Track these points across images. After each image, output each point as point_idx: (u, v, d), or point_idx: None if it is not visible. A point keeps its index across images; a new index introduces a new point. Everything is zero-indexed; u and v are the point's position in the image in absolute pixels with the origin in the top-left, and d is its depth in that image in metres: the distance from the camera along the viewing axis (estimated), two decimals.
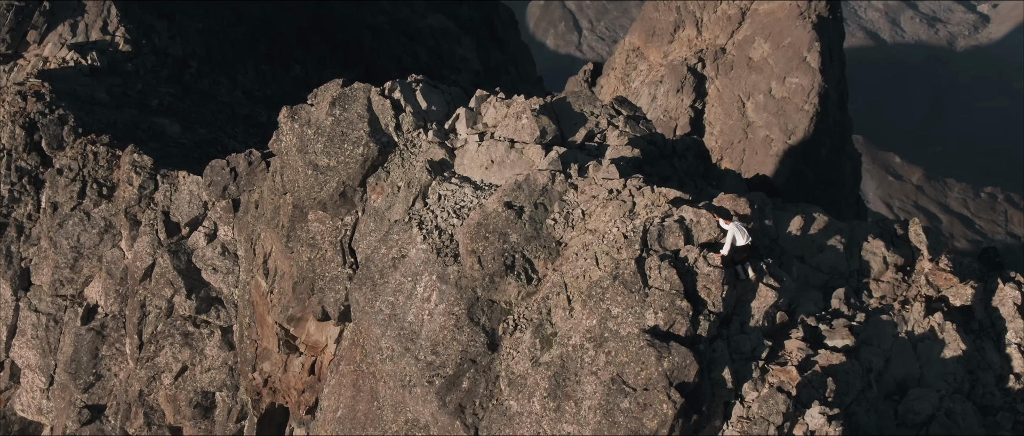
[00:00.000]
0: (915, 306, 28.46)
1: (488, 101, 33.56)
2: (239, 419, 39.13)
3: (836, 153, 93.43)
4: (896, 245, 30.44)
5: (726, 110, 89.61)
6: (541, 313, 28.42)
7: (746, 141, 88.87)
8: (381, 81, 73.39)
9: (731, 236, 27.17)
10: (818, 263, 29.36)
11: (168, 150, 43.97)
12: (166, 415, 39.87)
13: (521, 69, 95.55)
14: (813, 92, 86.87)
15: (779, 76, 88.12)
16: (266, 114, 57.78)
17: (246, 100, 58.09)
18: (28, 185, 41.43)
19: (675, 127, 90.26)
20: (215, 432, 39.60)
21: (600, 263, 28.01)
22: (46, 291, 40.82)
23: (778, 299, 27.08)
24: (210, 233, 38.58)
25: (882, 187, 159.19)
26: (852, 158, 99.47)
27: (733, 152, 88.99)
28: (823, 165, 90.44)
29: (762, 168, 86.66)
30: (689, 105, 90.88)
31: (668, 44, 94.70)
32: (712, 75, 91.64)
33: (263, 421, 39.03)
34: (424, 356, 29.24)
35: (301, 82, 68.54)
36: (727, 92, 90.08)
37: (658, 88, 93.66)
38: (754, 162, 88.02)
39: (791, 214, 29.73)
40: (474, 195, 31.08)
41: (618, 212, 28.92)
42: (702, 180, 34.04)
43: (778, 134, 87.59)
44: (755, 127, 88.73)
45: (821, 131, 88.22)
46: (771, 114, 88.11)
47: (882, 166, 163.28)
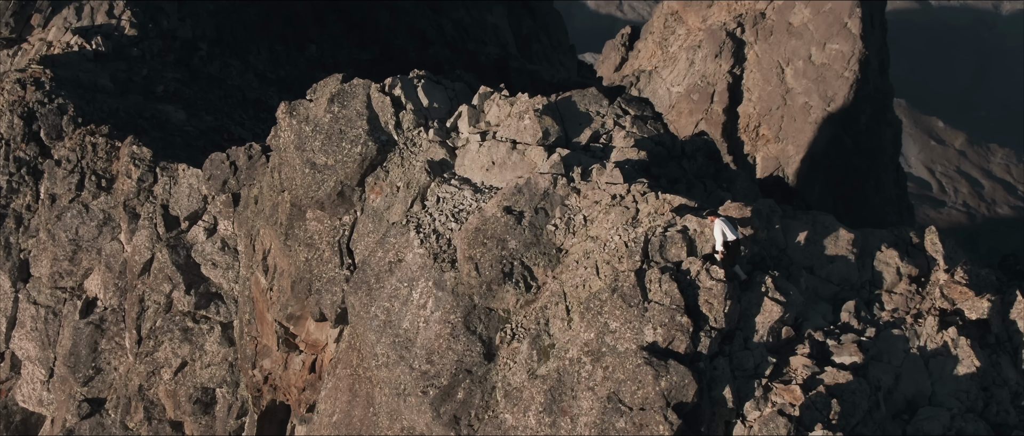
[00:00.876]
0: (928, 320, 27.64)
1: (491, 99, 32.85)
2: (239, 416, 38.82)
3: (876, 120, 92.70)
4: (911, 255, 29.58)
5: (765, 76, 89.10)
6: (539, 323, 27.81)
7: (784, 108, 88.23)
8: (399, 60, 73.12)
9: (719, 233, 26.44)
10: (828, 274, 28.56)
11: (171, 139, 43.49)
12: (167, 410, 39.61)
13: (553, 37, 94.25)
14: (853, 59, 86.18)
15: (819, 42, 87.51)
16: (277, 97, 57.08)
17: (257, 83, 57.51)
18: (27, 176, 41.10)
19: (713, 93, 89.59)
20: (216, 428, 39.31)
21: (601, 272, 27.35)
22: (45, 283, 40.56)
23: (784, 314, 26.34)
24: (210, 227, 38.14)
25: (924, 152, 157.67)
26: (892, 125, 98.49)
27: (771, 119, 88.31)
28: (862, 133, 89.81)
29: (800, 136, 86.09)
30: (727, 71, 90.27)
31: (707, 8, 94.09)
32: (751, 40, 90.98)
33: (264, 418, 38.70)
34: (419, 365, 28.72)
35: (316, 62, 67.89)
36: (766, 58, 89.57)
37: (696, 53, 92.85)
38: (792, 129, 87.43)
39: (801, 223, 28.90)
40: (473, 198, 30.43)
41: (620, 219, 28.21)
42: (713, 182, 33.22)
43: (817, 101, 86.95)
44: (794, 94, 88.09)
45: (861, 98, 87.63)
46: (810, 80, 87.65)
47: (924, 130, 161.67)
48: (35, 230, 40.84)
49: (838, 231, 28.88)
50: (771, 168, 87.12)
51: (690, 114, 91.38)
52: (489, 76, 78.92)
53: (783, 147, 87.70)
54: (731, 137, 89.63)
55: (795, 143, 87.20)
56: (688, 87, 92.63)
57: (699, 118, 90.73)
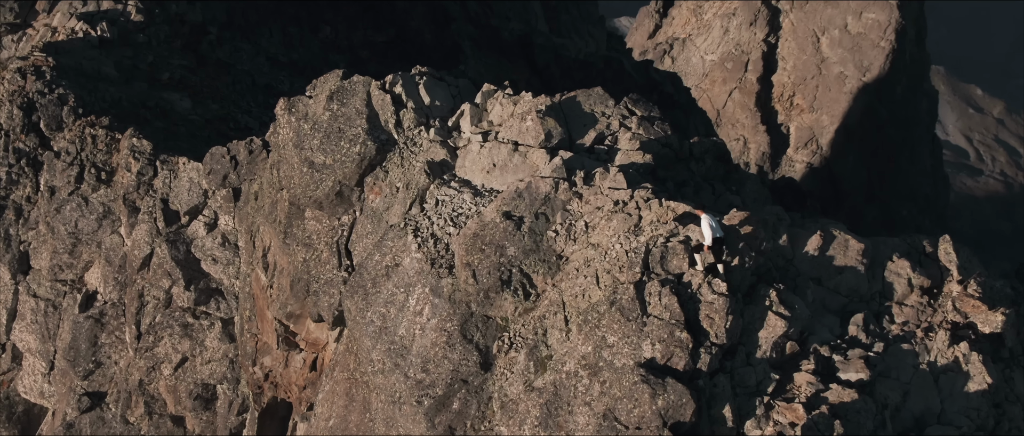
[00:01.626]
0: (939, 334, 26.95)
1: (495, 97, 32.22)
2: (240, 412, 38.57)
3: (912, 91, 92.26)
4: (924, 265, 28.86)
5: (800, 45, 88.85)
6: (537, 333, 27.31)
7: (819, 77, 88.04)
8: (416, 42, 72.38)
9: (710, 234, 25.93)
10: (836, 285, 27.88)
11: (174, 129, 43.09)
12: (168, 405, 39.40)
13: (582, 8, 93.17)
14: (890, 28, 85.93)
15: (855, 11, 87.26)
16: (289, 82, 56.63)
17: (268, 67, 56.98)
18: (26, 167, 40.80)
19: (747, 61, 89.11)
20: (217, 424, 39.07)
21: (601, 282, 26.79)
22: (45, 275, 40.32)
23: (788, 329, 25.74)
24: (210, 222, 37.76)
25: (962, 120, 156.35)
26: (929, 95, 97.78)
27: (805, 88, 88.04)
28: (898, 103, 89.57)
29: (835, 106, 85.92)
30: (762, 39, 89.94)
31: None
32: (787, 8, 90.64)
33: (264, 415, 38.41)
34: (414, 373, 28.28)
35: (330, 44, 67.23)
36: (802, 26, 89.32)
37: (731, 21, 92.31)
38: (827, 99, 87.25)
39: (809, 231, 28.20)
40: (473, 202, 29.88)
41: (622, 226, 27.61)
42: (721, 184, 32.52)
43: (853, 71, 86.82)
44: (829, 63, 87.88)
45: (897, 68, 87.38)
46: (846, 50, 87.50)
47: (963, 98, 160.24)
48: (35, 222, 40.58)
49: (848, 241, 28.18)
50: (805, 138, 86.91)
51: (724, 83, 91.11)
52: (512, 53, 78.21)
53: (817, 117, 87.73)
54: (765, 106, 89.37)
55: (829, 113, 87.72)
56: (722, 55, 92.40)
57: (733, 87, 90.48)
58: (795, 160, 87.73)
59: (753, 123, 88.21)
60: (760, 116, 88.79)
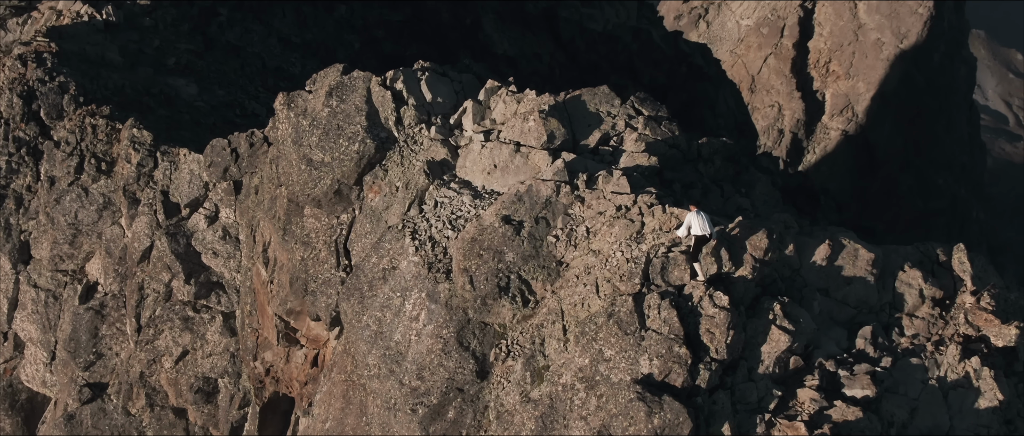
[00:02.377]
0: (950, 348, 26.28)
1: (498, 94, 31.61)
2: (242, 406, 38.30)
3: (950, 58, 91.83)
4: (936, 274, 28.15)
5: (837, 11, 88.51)
6: (535, 342, 26.84)
7: (856, 44, 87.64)
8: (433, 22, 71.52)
9: (687, 225, 25.57)
10: (845, 296, 27.21)
11: (178, 117, 42.64)
12: (169, 397, 39.19)
13: None
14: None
15: None
16: (300, 64, 56.06)
17: (280, 48, 56.41)
18: (27, 156, 40.48)
19: (783, 27, 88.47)
20: (219, 417, 38.83)
21: (601, 291, 26.26)
22: (46, 266, 40.10)
23: (792, 343, 25.13)
24: (211, 215, 37.37)
25: (1002, 84, 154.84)
26: (967, 62, 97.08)
27: (842, 55, 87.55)
28: (935, 70, 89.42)
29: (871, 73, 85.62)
30: (799, 4, 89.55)
31: None
32: None
33: (266, 410, 38.12)
34: (409, 381, 27.89)
35: (345, 23, 66.54)
36: None
37: None
38: (863, 66, 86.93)
39: (817, 240, 27.49)
40: (472, 204, 29.35)
41: (624, 233, 27.04)
42: (731, 186, 31.85)
43: (890, 37, 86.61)
44: (866, 29, 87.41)
45: (935, 35, 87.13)
46: (884, 16, 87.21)
47: (1003, 63, 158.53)
48: (35, 212, 40.32)
49: (858, 250, 27.43)
50: (840, 105, 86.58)
51: (759, 49, 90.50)
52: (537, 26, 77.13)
53: (853, 84, 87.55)
54: (800, 73, 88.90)
55: (866, 80, 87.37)
56: (758, 20, 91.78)
57: (768, 53, 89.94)
58: (830, 128, 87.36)
59: (788, 89, 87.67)
60: (795, 82, 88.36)
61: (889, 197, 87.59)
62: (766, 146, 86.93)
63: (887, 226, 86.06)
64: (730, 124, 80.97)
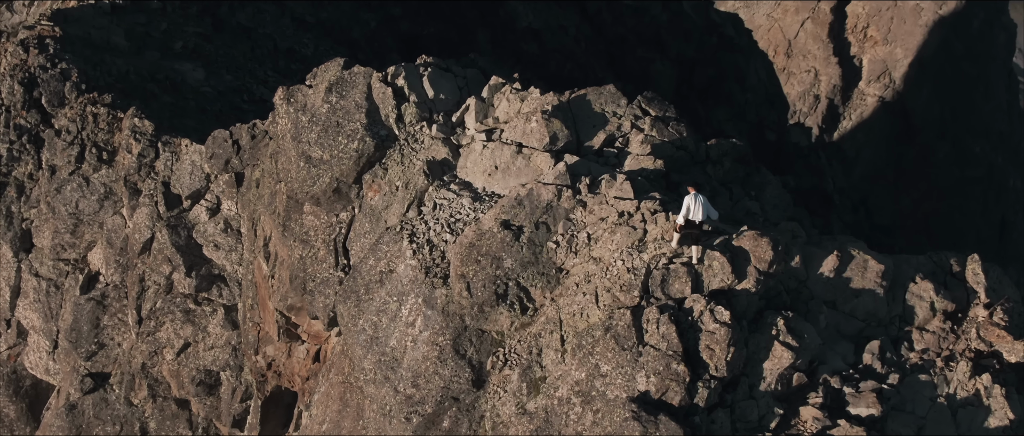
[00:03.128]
0: (961, 365, 25.62)
1: (502, 92, 31.01)
2: (244, 399, 38.06)
3: (989, 24, 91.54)
4: (949, 286, 27.39)
5: None
6: (532, 352, 26.40)
7: (895, 9, 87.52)
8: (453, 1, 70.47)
9: (686, 207, 25.14)
10: (853, 309, 26.55)
11: (183, 104, 42.25)
12: (172, 388, 39.03)
13: None
14: None
15: None
16: (313, 45, 55.54)
17: (293, 29, 55.87)
18: (28, 144, 40.21)
19: None
20: (221, 410, 38.63)
21: (600, 301, 25.75)
22: (48, 254, 39.90)
23: (795, 360, 24.54)
24: (212, 207, 37.00)
25: None
26: (1006, 29, 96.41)
27: (880, 20, 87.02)
28: (974, 37, 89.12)
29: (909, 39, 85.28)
30: None
31: None
32: None
33: (268, 403, 37.88)
34: (404, 388, 27.51)
35: (361, 1, 65.86)
36: None
37: None
38: (901, 31, 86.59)
39: (825, 251, 26.77)
40: (471, 207, 28.84)
41: (626, 241, 26.48)
42: (740, 188, 31.15)
43: (929, 3, 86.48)
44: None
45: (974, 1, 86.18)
46: None
47: None
48: (36, 201, 40.09)
49: (867, 261, 26.71)
50: (878, 71, 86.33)
51: (796, 12, 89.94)
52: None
53: (891, 50, 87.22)
54: (838, 37, 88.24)
55: (904, 46, 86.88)
56: None
57: (805, 17, 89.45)
58: (867, 94, 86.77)
59: (825, 55, 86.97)
60: (833, 47, 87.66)
61: (925, 165, 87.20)
62: (801, 112, 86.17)
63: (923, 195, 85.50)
64: (760, 97, 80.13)
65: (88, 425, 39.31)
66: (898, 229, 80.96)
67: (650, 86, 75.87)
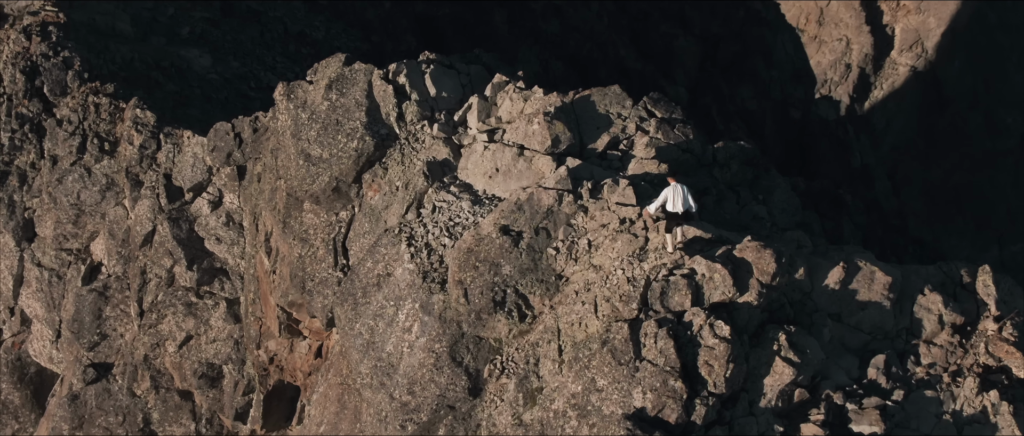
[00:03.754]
0: (968, 380, 25.09)
1: (505, 90, 30.53)
2: (246, 392, 37.89)
3: None
4: (959, 298, 26.84)
5: None
6: (529, 362, 26.04)
7: None
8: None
9: (663, 197, 25.22)
10: (858, 322, 26.04)
11: (188, 92, 41.93)
12: (174, 379, 38.92)
13: None
14: None
15: None
16: (324, 28, 55.10)
17: (304, 11, 55.35)
18: (30, 133, 40.00)
19: None
20: (224, 402, 38.50)
21: (599, 311, 25.35)
22: (50, 244, 39.76)
23: (797, 376, 24.09)
24: (214, 200, 36.72)
25: None
26: None
27: None
28: (1008, 7, 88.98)
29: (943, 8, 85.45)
30: None
31: None
32: None
33: (271, 397, 37.72)
34: (399, 395, 27.24)
35: None
36: None
37: None
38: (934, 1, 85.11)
39: (831, 262, 26.24)
40: (471, 211, 28.45)
41: (627, 249, 26.07)
42: (748, 191, 30.62)
43: None
44: None
45: None
46: None
47: None
48: (38, 190, 39.91)
49: (874, 273, 26.16)
50: (910, 41, 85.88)
51: None
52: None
53: (924, 19, 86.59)
54: (870, 6, 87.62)
55: (937, 16, 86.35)
56: None
57: None
58: (898, 63, 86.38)
59: (857, 23, 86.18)
60: (865, 16, 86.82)
61: (956, 136, 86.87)
62: (831, 82, 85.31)
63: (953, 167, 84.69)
64: (785, 74, 79.34)
65: (91, 416, 39.27)
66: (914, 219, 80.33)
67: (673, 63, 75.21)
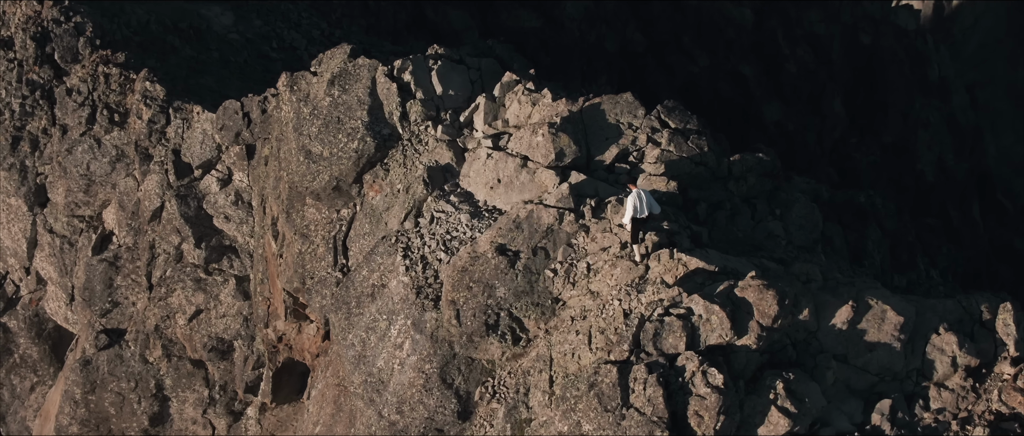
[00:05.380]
0: (976, 430, 24.14)
1: (514, 91, 29.46)
2: (256, 367, 37.72)
3: None
4: (976, 336, 25.70)
5: None
6: (520, 390, 25.41)
7: None
8: None
9: (632, 207, 24.96)
10: (866, 363, 25.07)
11: (206, 54, 41.13)
12: (186, 349, 38.87)
13: None
14: None
15: None
16: None
17: None
18: (41, 100, 39.54)
19: None
20: (235, 375, 38.41)
21: (593, 343, 24.58)
22: (62, 210, 39.53)
23: (793, 427, 23.23)
24: (223, 178, 36.16)
25: None
26: None
27: None
28: None
29: None
30: None
31: None
32: None
33: (280, 373, 37.58)
34: (388, 414, 26.85)
35: None
36: None
37: None
38: None
39: (841, 299, 25.14)
40: (469, 224, 27.70)
41: (625, 277, 25.26)
42: (765, 205, 29.50)
43: None
44: None
45: None
46: None
47: None
48: (49, 158, 39.62)
49: (885, 312, 25.06)
50: None
51: None
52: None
53: None
54: None
55: None
56: None
57: None
58: None
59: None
60: None
61: None
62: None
63: None
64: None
65: (103, 381, 39.41)
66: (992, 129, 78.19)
67: None
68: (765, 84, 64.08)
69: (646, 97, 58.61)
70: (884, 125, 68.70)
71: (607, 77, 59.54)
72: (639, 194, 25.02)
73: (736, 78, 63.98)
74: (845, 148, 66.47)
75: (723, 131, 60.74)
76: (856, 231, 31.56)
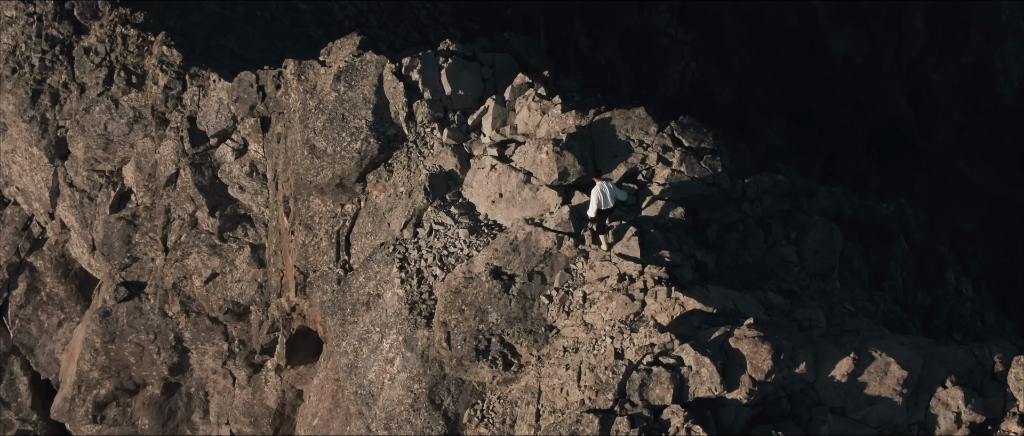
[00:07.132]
0: None
1: (526, 95, 28.56)
2: (272, 331, 37.84)
3: None
4: (985, 391, 24.83)
5: None
6: (506, 421, 25.12)
7: None
8: None
9: (596, 201, 24.93)
10: (864, 416, 24.34)
11: (231, 10, 40.31)
12: (204, 307, 39.06)
13: None
14: None
15: None
16: None
17: None
18: (60, 55, 39.18)
19: None
20: (251, 335, 38.59)
21: (582, 381, 24.12)
22: (82, 165, 39.48)
23: None
24: (239, 148, 35.77)
25: None
26: None
27: None
28: None
29: None
30: None
31: None
32: None
33: (295, 339, 37.66)
34: (376, 429, 26.81)
35: None
36: None
37: None
38: None
39: (843, 351, 24.29)
40: (466, 241, 27.14)
41: (620, 313, 24.63)
42: (781, 227, 28.54)
43: None
44: None
45: None
46: None
47: None
48: (69, 113, 39.43)
49: (889, 365, 24.20)
50: None
51: None
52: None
53: None
54: None
55: None
56: None
57: None
58: None
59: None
60: None
61: None
62: None
63: None
64: None
65: (122, 332, 39.81)
66: None
67: None
68: (837, 11, 61.69)
69: (709, 27, 56.87)
70: (965, 45, 66.26)
71: (668, 4, 58.05)
72: (602, 187, 24.86)
73: (805, 7, 61.79)
74: (922, 68, 64.15)
75: (786, 65, 59.17)
76: (879, 251, 30.50)
